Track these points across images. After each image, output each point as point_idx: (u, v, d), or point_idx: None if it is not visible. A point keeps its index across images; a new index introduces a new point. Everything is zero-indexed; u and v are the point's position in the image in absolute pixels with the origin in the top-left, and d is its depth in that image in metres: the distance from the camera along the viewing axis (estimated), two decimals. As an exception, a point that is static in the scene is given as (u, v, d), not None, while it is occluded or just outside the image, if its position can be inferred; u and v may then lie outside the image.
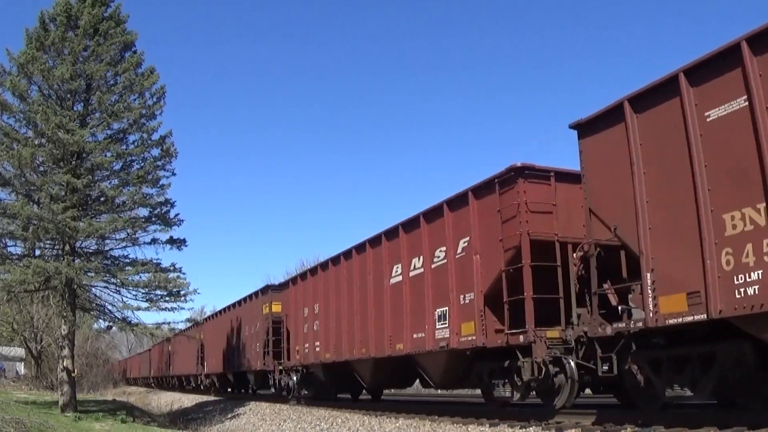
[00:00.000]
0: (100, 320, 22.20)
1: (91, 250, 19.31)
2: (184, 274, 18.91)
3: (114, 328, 20.52)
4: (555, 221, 10.06)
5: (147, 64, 19.04)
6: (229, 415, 21.21)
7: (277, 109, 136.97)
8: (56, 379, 22.18)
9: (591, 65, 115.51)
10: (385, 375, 15.44)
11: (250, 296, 25.29)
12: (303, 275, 19.77)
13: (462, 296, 11.23)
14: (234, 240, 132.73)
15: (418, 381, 15.46)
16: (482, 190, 11.01)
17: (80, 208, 17.98)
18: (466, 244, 11.24)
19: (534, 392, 10.31)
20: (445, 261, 11.78)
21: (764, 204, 6.47)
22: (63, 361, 18.48)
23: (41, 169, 18.23)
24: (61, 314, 18.77)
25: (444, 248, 11.86)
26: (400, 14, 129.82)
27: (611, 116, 8.60)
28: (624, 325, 8.22)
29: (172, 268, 18.92)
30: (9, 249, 18.70)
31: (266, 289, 23.34)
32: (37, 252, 18.63)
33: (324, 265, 18.03)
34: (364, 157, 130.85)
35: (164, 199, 19.16)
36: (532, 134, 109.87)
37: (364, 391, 18.44)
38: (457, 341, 11.24)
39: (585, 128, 9.13)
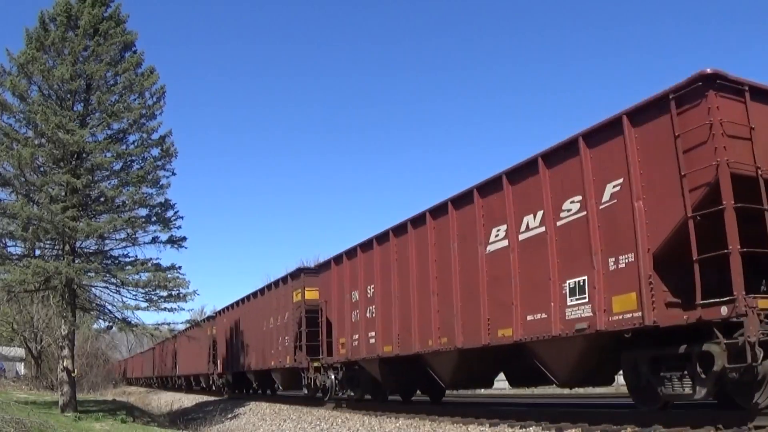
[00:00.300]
0: (100, 320, 22.18)
1: (91, 250, 19.31)
2: (183, 274, 18.93)
3: (114, 328, 20.50)
4: (755, 150, 7.51)
5: (147, 64, 19.08)
6: (229, 415, 21.20)
7: (277, 109, 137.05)
8: (56, 379, 22.18)
9: (591, 65, 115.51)
10: (473, 370, 12.07)
11: (276, 282, 21.96)
12: (350, 252, 16.06)
13: (612, 259, 8.38)
14: (234, 240, 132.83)
15: (502, 376, 12.89)
16: (645, 112, 8.10)
17: (80, 209, 17.97)
18: (617, 188, 8.37)
19: (727, 385, 7.54)
20: (582, 214, 8.83)
21: None
22: (63, 361, 18.48)
23: (41, 169, 18.23)
24: (61, 314, 18.77)
25: (578, 197, 8.94)
26: (400, 14, 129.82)
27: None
28: None
29: (171, 267, 18.92)
30: (9, 249, 18.73)
31: (298, 273, 20.03)
32: (37, 252, 18.64)
33: (381, 238, 14.52)
34: (364, 157, 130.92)
35: (164, 199, 19.19)
36: (533, 134, 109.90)
37: (418, 391, 15.97)
38: (607, 321, 8.31)
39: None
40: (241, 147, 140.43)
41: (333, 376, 17.48)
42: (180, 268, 19.00)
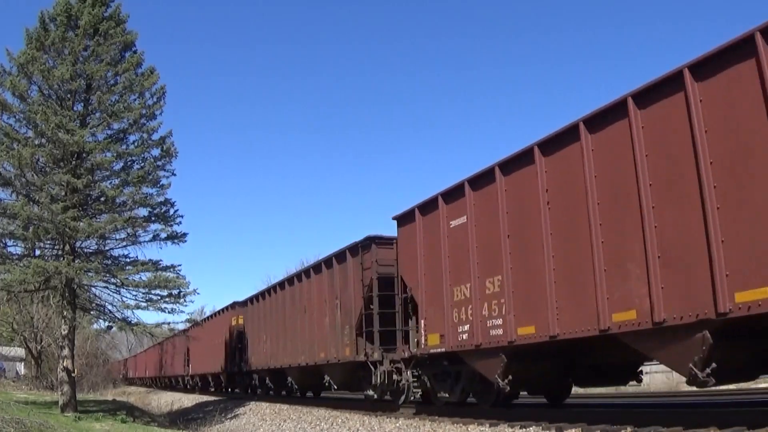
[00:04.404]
0: (100, 320, 22.16)
1: (91, 250, 19.31)
2: (183, 276, 18.93)
3: (114, 328, 20.50)
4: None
5: (147, 64, 19.04)
6: (229, 415, 21.20)
7: (277, 108, 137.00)
8: (56, 379, 22.17)
9: (590, 65, 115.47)
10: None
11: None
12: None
13: None
14: (234, 240, 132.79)
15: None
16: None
17: (80, 208, 17.97)
18: None
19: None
20: None
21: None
22: (63, 361, 18.47)
23: (42, 169, 18.22)
24: (61, 314, 18.77)
25: None
26: (401, 14, 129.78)
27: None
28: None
29: (171, 267, 18.94)
30: (9, 249, 18.70)
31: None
32: (37, 252, 18.62)
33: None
34: (364, 157, 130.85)
35: (164, 198, 19.20)
36: (532, 134, 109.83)
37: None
38: None
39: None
40: (241, 147, 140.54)
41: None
42: (180, 267, 19.06)
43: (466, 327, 11.01)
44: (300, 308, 19.32)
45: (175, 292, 18.69)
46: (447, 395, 12.60)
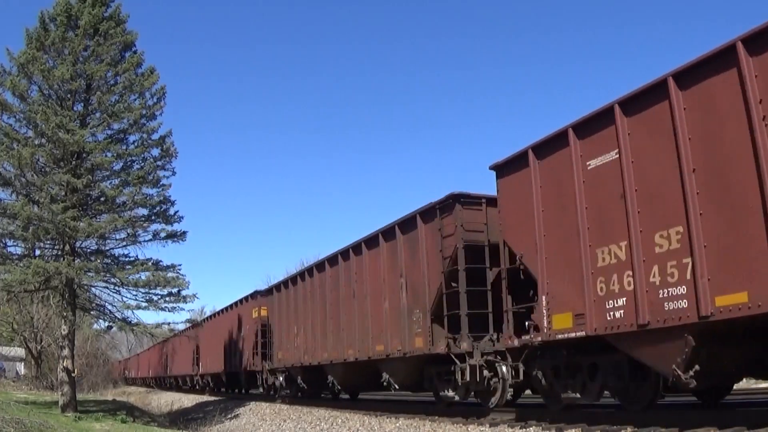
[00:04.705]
0: (100, 320, 22.18)
1: (91, 250, 19.31)
2: (183, 275, 18.93)
3: (114, 328, 20.51)
4: None
5: (147, 64, 19.09)
6: (229, 415, 21.19)
7: (277, 108, 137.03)
8: (56, 379, 22.18)
9: (590, 65, 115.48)
10: None
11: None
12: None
13: None
14: (234, 240, 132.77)
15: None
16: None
17: (80, 208, 17.98)
18: None
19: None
20: None
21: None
22: (63, 361, 18.48)
23: (42, 169, 18.22)
24: (61, 314, 18.78)
25: None
26: (401, 14, 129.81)
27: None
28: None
29: (171, 266, 18.94)
30: (9, 249, 18.72)
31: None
32: (37, 252, 18.63)
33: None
34: (364, 157, 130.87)
35: (164, 198, 19.20)
36: (532, 134, 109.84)
37: None
38: None
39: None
40: (241, 147, 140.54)
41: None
42: (180, 266, 19.05)
43: (621, 301, 8.20)
44: (347, 292, 15.97)
45: (175, 291, 18.71)
46: (577, 394, 9.31)
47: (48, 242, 18.60)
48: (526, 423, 9.71)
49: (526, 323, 9.94)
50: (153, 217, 19.09)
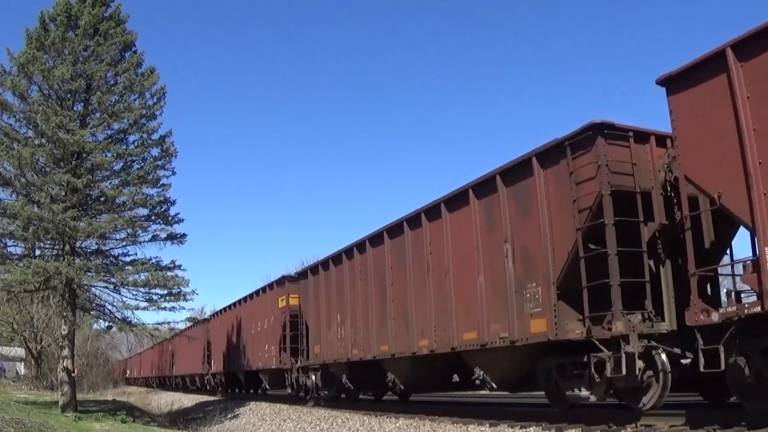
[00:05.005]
0: (100, 320, 22.17)
1: (91, 250, 19.31)
2: (184, 270, 18.91)
3: (114, 328, 20.51)
4: None
5: (147, 64, 19.08)
6: (229, 415, 21.18)
7: (277, 108, 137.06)
8: (56, 379, 22.18)
9: (590, 65, 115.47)
10: None
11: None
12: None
13: None
14: (234, 239, 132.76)
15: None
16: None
17: (80, 208, 17.98)
18: None
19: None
20: None
21: None
22: (63, 361, 18.48)
23: (42, 169, 18.22)
24: (61, 314, 18.77)
25: None
26: (401, 14, 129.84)
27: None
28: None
29: (171, 265, 18.93)
30: (9, 249, 18.73)
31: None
32: (37, 252, 18.64)
33: None
34: (364, 156, 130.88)
35: (164, 197, 19.20)
36: (532, 134, 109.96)
37: None
38: None
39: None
40: (241, 147, 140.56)
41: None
42: (180, 265, 19.03)
43: None
44: (418, 267, 12.87)
45: (175, 290, 18.70)
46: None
47: (48, 242, 18.61)
48: (526, 423, 9.69)
49: (722, 292, 8.12)
50: (153, 218, 19.09)
